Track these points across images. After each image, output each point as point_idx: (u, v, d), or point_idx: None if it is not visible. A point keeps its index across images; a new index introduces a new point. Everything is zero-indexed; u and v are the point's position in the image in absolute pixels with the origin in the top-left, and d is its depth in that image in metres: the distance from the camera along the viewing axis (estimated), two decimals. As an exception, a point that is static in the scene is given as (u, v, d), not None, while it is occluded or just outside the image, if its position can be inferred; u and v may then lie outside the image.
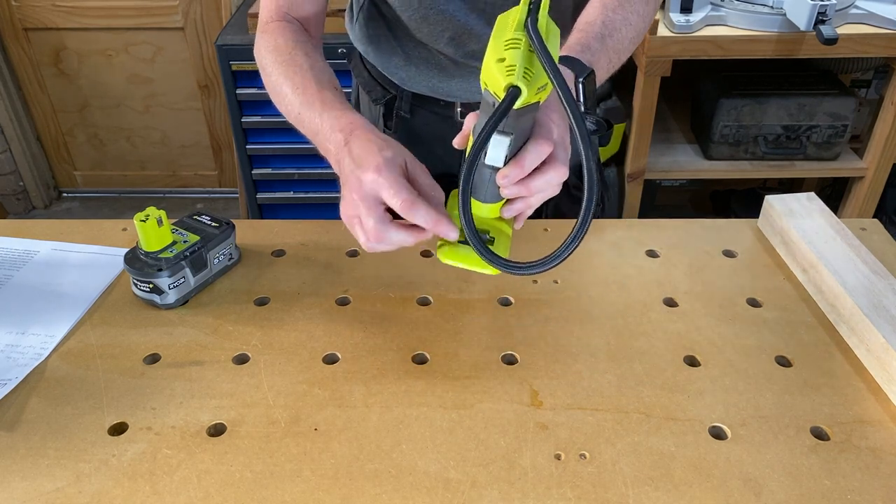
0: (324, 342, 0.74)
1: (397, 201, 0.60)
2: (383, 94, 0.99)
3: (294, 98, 0.75)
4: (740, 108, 1.78)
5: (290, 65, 0.77)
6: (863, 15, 1.64)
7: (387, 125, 1.01)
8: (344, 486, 0.59)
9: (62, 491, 0.58)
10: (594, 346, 0.73)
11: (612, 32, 0.75)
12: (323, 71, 0.78)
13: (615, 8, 0.77)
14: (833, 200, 2.02)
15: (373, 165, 0.61)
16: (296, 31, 0.82)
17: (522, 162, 0.58)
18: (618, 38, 0.76)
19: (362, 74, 1.02)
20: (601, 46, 0.74)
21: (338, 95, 0.75)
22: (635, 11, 0.78)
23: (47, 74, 2.48)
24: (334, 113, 0.70)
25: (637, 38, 0.80)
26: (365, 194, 0.61)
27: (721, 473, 0.60)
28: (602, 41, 0.74)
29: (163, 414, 0.65)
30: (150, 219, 0.76)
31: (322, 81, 0.75)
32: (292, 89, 0.75)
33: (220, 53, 1.87)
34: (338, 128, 0.68)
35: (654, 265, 0.85)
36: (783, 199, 0.88)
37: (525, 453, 0.62)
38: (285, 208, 2.16)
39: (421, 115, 0.99)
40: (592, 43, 0.73)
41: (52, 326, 0.76)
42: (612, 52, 0.76)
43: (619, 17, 0.76)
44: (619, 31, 0.76)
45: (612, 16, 0.76)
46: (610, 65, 0.76)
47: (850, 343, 0.73)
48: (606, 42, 0.74)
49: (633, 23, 0.78)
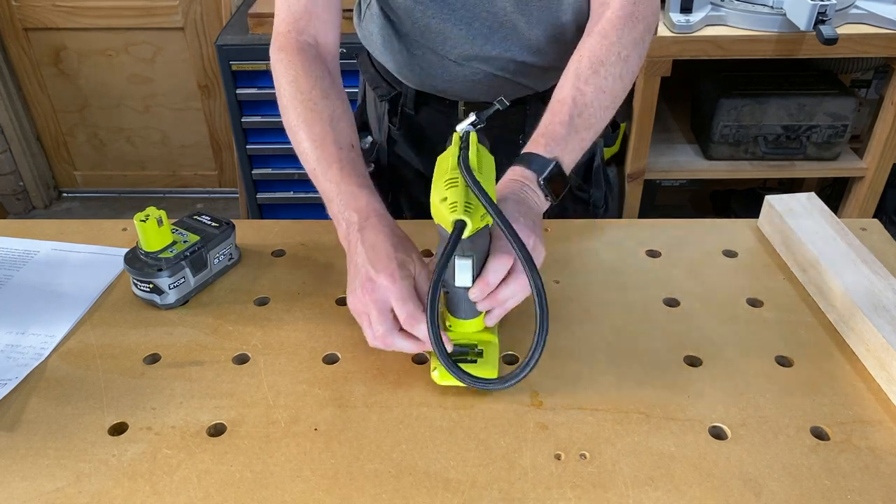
0: (324, 342, 0.74)
1: (403, 314, 0.64)
2: (388, 91, 1.00)
3: (311, 152, 0.76)
4: (740, 108, 1.78)
5: (310, 110, 0.77)
6: (863, 15, 1.64)
7: (391, 121, 1.02)
8: (344, 486, 0.59)
9: (62, 491, 0.58)
10: (594, 346, 0.73)
11: (583, 109, 0.73)
12: (342, 120, 0.78)
13: (587, 78, 0.74)
14: (833, 200, 2.02)
15: (387, 271, 0.64)
16: (314, 63, 0.81)
17: (486, 279, 0.64)
18: (591, 113, 0.74)
19: (369, 70, 1.03)
20: (568, 131, 0.72)
21: (355, 161, 0.76)
22: (611, 75, 0.75)
23: (47, 74, 2.48)
24: (351, 189, 0.72)
25: (616, 102, 0.77)
26: (377, 299, 0.65)
27: (721, 473, 0.60)
28: (570, 124, 0.72)
29: (163, 414, 0.65)
30: (150, 219, 0.76)
31: (341, 140, 0.76)
32: (311, 142, 0.76)
33: (220, 53, 1.87)
34: (353, 207, 0.71)
35: (654, 265, 0.85)
36: (783, 199, 0.88)
37: (525, 453, 0.62)
38: (285, 208, 2.16)
39: (425, 112, 1.00)
40: (558, 130, 0.72)
41: (52, 326, 0.76)
42: (584, 130, 0.74)
43: (590, 89, 0.74)
44: (591, 104, 0.74)
45: (583, 87, 0.74)
46: (583, 143, 0.74)
47: (850, 343, 0.73)
48: (575, 122, 0.73)
49: (609, 89, 0.75)
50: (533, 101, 0.96)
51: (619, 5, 0.77)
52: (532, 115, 0.96)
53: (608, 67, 0.75)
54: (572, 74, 0.75)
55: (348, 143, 0.77)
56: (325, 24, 0.83)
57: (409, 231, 0.72)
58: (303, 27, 0.82)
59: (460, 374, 0.60)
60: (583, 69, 0.75)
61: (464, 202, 0.58)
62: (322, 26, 0.83)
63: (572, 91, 0.74)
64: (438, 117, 0.99)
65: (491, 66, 0.90)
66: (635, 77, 0.79)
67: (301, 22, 0.82)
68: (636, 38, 0.77)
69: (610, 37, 0.76)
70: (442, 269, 0.58)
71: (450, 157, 0.63)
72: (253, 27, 1.88)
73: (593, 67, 0.74)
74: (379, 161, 1.08)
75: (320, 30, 0.83)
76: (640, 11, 0.78)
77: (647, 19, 0.78)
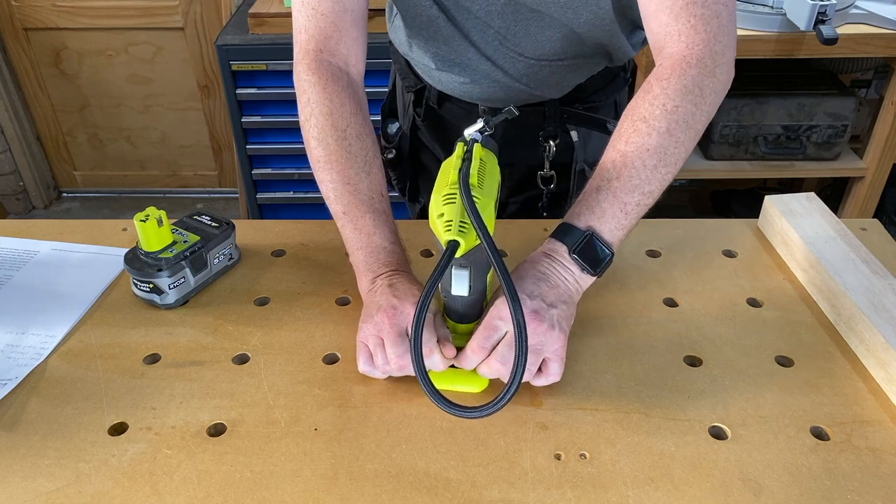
0: (324, 342, 0.74)
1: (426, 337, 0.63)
2: (415, 83, 1.02)
3: (343, 197, 0.74)
4: (740, 108, 1.78)
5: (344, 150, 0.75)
6: (863, 15, 1.64)
7: (416, 111, 1.04)
8: (344, 486, 0.59)
9: (62, 491, 0.58)
10: (594, 346, 0.73)
11: (622, 171, 0.67)
12: (374, 165, 0.76)
13: (628, 137, 0.69)
14: (833, 200, 2.02)
15: (412, 300, 0.65)
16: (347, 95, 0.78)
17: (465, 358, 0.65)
18: (632, 174, 0.67)
19: (399, 60, 1.05)
20: (605, 197, 0.67)
21: (387, 213, 0.75)
22: (655, 131, 0.68)
23: (47, 74, 2.48)
24: (384, 245, 0.73)
25: (668, 159, 0.68)
26: (395, 323, 0.65)
27: (721, 473, 0.60)
28: (607, 189, 0.67)
29: (163, 414, 0.65)
30: (150, 219, 0.76)
31: (373, 189, 0.75)
32: (343, 185, 0.74)
33: (220, 53, 1.87)
34: (384, 262, 0.71)
35: (654, 265, 0.85)
36: (783, 199, 0.88)
37: (525, 453, 0.61)
38: (285, 208, 2.16)
39: (447, 107, 1.01)
40: (591, 197, 0.68)
41: (52, 326, 0.76)
42: (626, 194, 0.67)
43: (630, 149, 0.68)
44: (632, 165, 0.67)
45: (622, 148, 0.68)
46: (627, 208, 0.67)
47: (850, 343, 0.73)
48: (613, 186, 0.67)
49: (653, 146, 0.67)
50: (551, 103, 0.96)
51: (673, 50, 0.71)
52: (551, 117, 0.97)
53: (651, 123, 0.68)
54: (615, 136, 0.70)
55: (379, 192, 0.76)
56: (354, 42, 0.80)
57: (413, 230, 0.72)
58: (333, 48, 0.79)
59: (437, 399, 0.58)
60: (624, 129, 0.70)
61: (458, 221, 0.58)
62: (352, 45, 0.80)
63: (612, 153, 0.69)
64: (461, 112, 1.00)
65: (507, 78, 0.91)
66: (695, 129, 0.70)
67: (331, 42, 0.79)
68: (686, 86, 0.69)
69: (653, 90, 0.70)
70: (433, 284, 0.58)
71: (452, 167, 0.63)
72: (253, 27, 1.88)
73: (634, 125, 0.69)
74: (401, 148, 1.08)
75: (351, 51, 0.80)
76: (693, 55, 0.70)
77: (702, 63, 0.70)
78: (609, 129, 0.98)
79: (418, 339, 0.58)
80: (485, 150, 0.65)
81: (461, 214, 0.59)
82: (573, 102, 0.97)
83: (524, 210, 1.06)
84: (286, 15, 1.83)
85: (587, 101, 0.98)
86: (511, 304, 0.56)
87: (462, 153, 0.64)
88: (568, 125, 0.98)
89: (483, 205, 0.59)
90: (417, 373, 0.57)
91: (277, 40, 1.86)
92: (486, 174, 0.63)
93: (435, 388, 0.58)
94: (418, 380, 0.58)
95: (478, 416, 0.57)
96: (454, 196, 0.60)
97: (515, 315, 0.56)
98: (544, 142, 0.98)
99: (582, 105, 0.97)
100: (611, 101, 1.01)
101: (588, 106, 0.98)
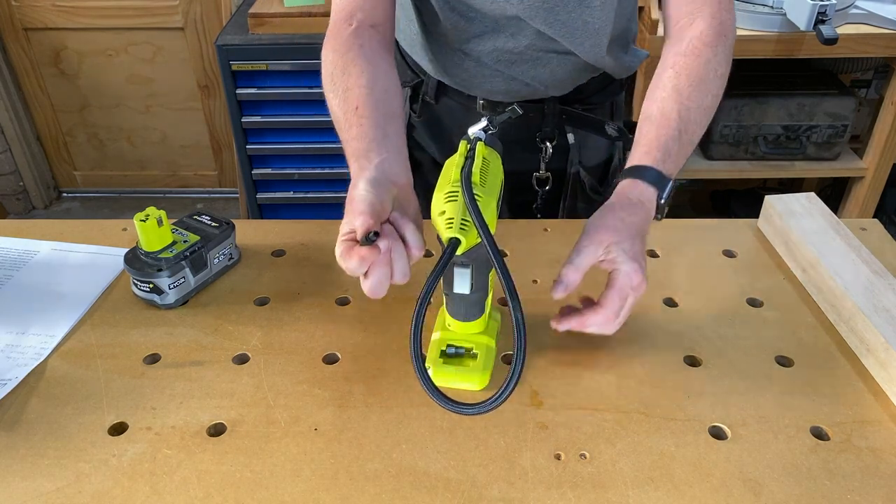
0: (324, 342, 0.74)
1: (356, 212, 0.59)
2: (412, 78, 1.01)
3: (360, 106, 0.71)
4: (740, 108, 1.78)
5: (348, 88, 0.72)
6: (863, 15, 1.64)
7: (412, 108, 1.03)
8: (344, 486, 0.59)
9: (62, 491, 0.58)
10: (594, 346, 0.73)
11: (687, 125, 0.72)
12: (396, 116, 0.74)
13: (689, 94, 0.73)
14: (833, 200, 2.02)
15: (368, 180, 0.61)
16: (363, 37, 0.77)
17: (600, 326, 0.67)
18: (692, 130, 0.73)
19: (395, 54, 1.04)
20: (679, 146, 0.71)
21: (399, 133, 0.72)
22: (710, 93, 0.74)
23: (47, 74, 2.48)
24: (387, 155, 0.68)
25: (709, 120, 0.76)
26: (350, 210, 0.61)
27: (721, 473, 0.60)
28: (679, 140, 0.71)
29: (163, 414, 0.65)
30: (150, 219, 0.76)
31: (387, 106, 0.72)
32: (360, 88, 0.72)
33: (220, 53, 1.87)
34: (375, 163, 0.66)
35: (654, 265, 0.85)
36: (783, 199, 0.88)
37: (525, 453, 0.62)
38: (285, 208, 2.16)
39: (444, 102, 1.01)
40: (671, 146, 0.71)
41: (52, 326, 0.76)
42: (687, 146, 0.73)
43: (693, 105, 0.73)
44: (693, 121, 0.73)
45: (687, 103, 0.73)
46: (681, 162, 0.73)
47: (850, 343, 0.73)
48: (683, 138, 0.72)
49: (707, 106, 0.74)
50: (550, 102, 0.96)
51: (707, 24, 0.77)
52: (550, 115, 0.97)
53: (707, 84, 0.74)
54: (672, 90, 0.74)
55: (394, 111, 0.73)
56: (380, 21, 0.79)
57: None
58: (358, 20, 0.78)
59: (436, 395, 0.57)
60: (682, 85, 0.73)
61: (460, 219, 0.59)
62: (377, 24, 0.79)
63: (677, 106, 0.72)
64: (457, 109, 1.00)
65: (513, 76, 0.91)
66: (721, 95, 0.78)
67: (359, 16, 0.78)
68: (728, 55, 0.77)
69: (705, 54, 0.75)
70: (433, 282, 0.58)
71: (454, 165, 0.63)
72: (253, 27, 1.88)
73: (693, 84, 0.73)
74: None
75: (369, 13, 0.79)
76: (726, 28, 0.78)
77: (732, 36, 0.78)
78: (607, 131, 0.98)
79: (418, 339, 0.58)
80: (488, 148, 0.65)
81: (463, 212, 0.59)
82: (573, 103, 0.97)
83: (518, 211, 1.06)
84: (286, 15, 1.83)
85: (586, 102, 0.98)
86: (511, 304, 0.56)
87: (465, 151, 0.64)
88: (566, 126, 0.98)
89: (485, 203, 0.59)
90: (416, 369, 0.57)
91: (278, 40, 1.86)
92: (489, 173, 0.64)
93: (434, 385, 0.58)
94: (417, 376, 0.58)
95: (477, 412, 0.57)
96: (456, 194, 0.60)
97: (515, 315, 0.56)
98: (541, 143, 0.98)
99: (581, 106, 0.98)
100: (608, 104, 1.01)
101: (587, 107, 0.98)
